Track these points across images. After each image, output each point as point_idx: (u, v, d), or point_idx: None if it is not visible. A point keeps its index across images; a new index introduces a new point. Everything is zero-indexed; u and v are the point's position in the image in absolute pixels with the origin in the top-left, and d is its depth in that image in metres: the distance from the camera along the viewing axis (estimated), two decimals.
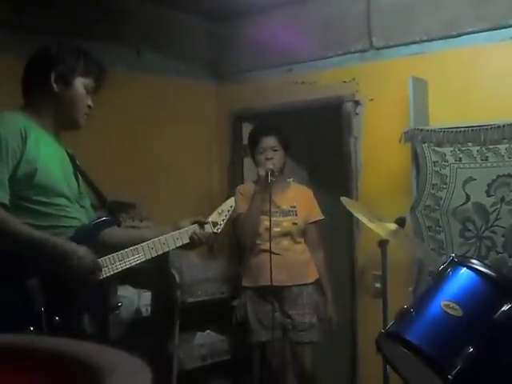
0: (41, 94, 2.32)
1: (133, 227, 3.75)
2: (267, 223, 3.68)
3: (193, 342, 4.04)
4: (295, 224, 3.78)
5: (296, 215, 3.80)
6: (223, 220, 2.61)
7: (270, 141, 3.75)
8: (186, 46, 4.57)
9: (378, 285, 3.60)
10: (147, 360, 0.82)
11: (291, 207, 3.80)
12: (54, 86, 2.29)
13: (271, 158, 3.70)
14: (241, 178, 4.65)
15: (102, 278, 2.22)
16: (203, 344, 4.08)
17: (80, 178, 2.41)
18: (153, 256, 2.35)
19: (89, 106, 2.38)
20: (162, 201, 4.16)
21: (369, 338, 2.64)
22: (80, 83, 2.33)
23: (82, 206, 2.39)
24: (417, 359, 2.23)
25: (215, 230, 2.57)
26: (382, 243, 2.91)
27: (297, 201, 3.83)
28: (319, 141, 4.80)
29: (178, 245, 2.42)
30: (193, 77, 4.61)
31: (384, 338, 2.44)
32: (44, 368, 0.83)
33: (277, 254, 3.64)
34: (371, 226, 2.92)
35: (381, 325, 2.71)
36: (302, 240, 3.83)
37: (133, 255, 2.29)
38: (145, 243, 2.34)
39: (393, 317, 2.47)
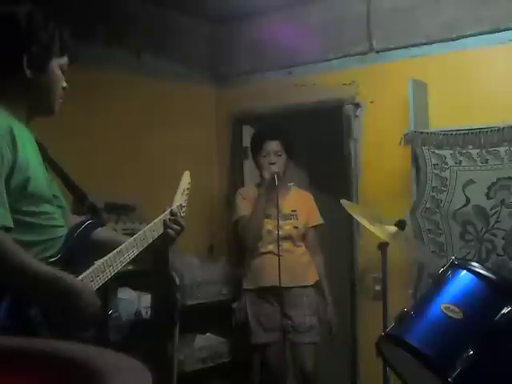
0: (10, 80, 1.98)
1: (133, 229, 3.75)
2: (269, 226, 3.71)
3: (193, 345, 4.04)
4: (296, 228, 3.79)
5: (297, 219, 3.81)
6: (185, 200, 2.46)
7: (273, 145, 3.76)
8: (186, 48, 4.57)
9: (378, 287, 3.60)
10: (147, 362, 0.82)
11: (292, 211, 3.82)
12: (28, 71, 1.96)
13: (274, 163, 3.71)
14: (241, 181, 4.65)
15: (96, 287, 2.13)
16: (203, 346, 4.07)
17: (47, 166, 2.13)
18: (135, 254, 2.19)
19: (63, 88, 2.07)
20: (162, 203, 4.15)
21: (369, 340, 2.64)
22: (56, 65, 2.02)
23: (54, 196, 2.14)
24: (417, 362, 2.23)
25: (182, 214, 2.41)
26: (382, 246, 2.91)
27: (297, 205, 3.85)
28: (319, 143, 4.80)
29: (154, 237, 2.27)
30: (193, 79, 4.62)
31: (384, 341, 2.44)
32: (43, 371, 0.83)
33: (278, 256, 3.65)
34: (371, 228, 2.92)
35: (381, 327, 2.71)
36: (302, 244, 3.84)
37: (119, 258, 2.14)
38: (127, 242, 2.19)
39: (393, 319, 2.47)
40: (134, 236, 2.23)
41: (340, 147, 4.15)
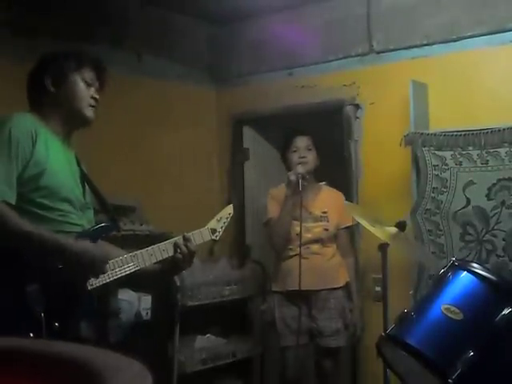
0: (41, 98, 2.32)
1: (133, 230, 3.76)
2: (298, 229, 3.62)
3: (193, 346, 4.04)
4: (326, 230, 3.73)
5: (327, 221, 3.75)
6: (221, 227, 2.57)
7: (303, 140, 3.76)
8: (186, 49, 4.58)
9: (378, 288, 3.60)
10: (147, 364, 0.82)
11: (323, 213, 3.75)
12: (51, 88, 2.29)
13: (304, 157, 3.70)
14: (241, 182, 4.64)
15: (101, 284, 2.21)
16: (204, 347, 4.07)
17: (86, 186, 2.38)
18: (141, 267, 2.31)
19: (94, 98, 2.36)
20: (163, 204, 4.16)
21: (369, 341, 2.64)
22: (76, 77, 2.32)
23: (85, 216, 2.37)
24: (417, 363, 2.23)
25: (214, 237, 2.54)
26: (383, 247, 2.90)
27: (328, 206, 3.78)
28: (320, 144, 4.79)
29: (164, 256, 2.38)
30: (193, 80, 4.62)
31: (384, 342, 2.44)
32: (44, 372, 0.83)
33: (306, 259, 3.60)
34: (371, 229, 2.92)
35: (381, 328, 2.71)
36: (333, 245, 3.78)
37: (132, 262, 2.28)
38: (139, 251, 2.31)
39: (393, 320, 2.47)
40: (142, 250, 2.34)
41: (340, 148, 4.15)
